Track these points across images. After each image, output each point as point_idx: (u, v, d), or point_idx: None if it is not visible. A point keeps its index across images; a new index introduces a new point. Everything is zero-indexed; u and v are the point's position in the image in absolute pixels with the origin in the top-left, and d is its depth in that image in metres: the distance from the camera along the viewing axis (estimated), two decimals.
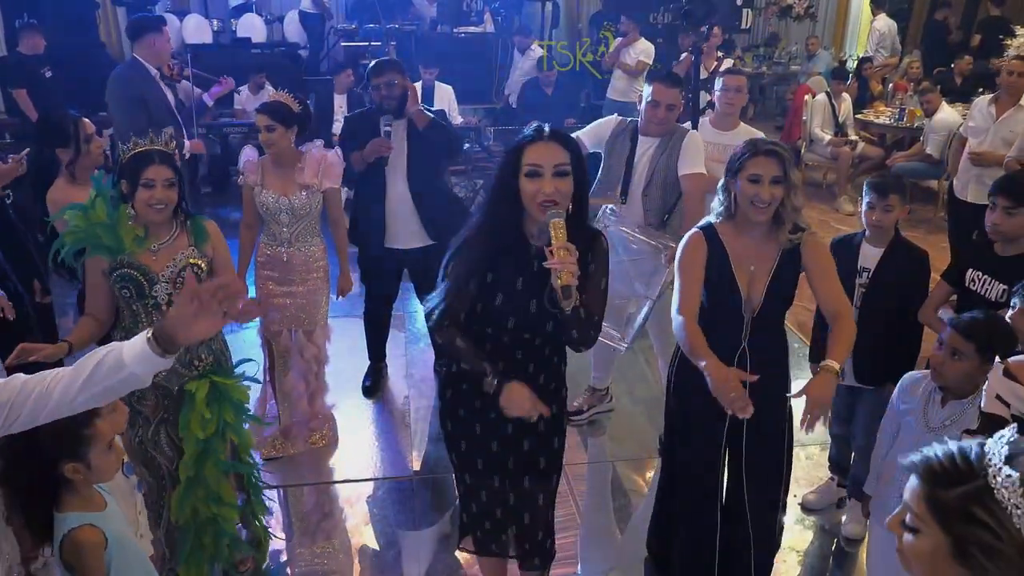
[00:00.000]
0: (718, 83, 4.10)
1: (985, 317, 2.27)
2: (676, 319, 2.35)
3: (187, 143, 4.50)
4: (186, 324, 1.50)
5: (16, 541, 1.98)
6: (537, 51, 7.86)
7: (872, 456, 2.57)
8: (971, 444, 1.09)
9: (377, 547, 3.14)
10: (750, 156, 2.27)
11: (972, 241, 2.88)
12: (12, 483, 1.85)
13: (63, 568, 1.88)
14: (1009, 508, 1.02)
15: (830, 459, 3.35)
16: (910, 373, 2.47)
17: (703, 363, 2.21)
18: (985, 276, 2.66)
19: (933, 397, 2.29)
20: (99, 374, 1.50)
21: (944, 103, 6.94)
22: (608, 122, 3.51)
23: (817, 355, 3.01)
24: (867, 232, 2.95)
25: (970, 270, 2.74)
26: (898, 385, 2.46)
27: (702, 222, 2.47)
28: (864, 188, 2.93)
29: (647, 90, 3.38)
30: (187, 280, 1.57)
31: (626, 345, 3.22)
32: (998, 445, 1.06)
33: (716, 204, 2.43)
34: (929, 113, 6.92)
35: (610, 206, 3.29)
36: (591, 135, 3.52)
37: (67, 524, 1.84)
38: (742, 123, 4.12)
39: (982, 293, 2.66)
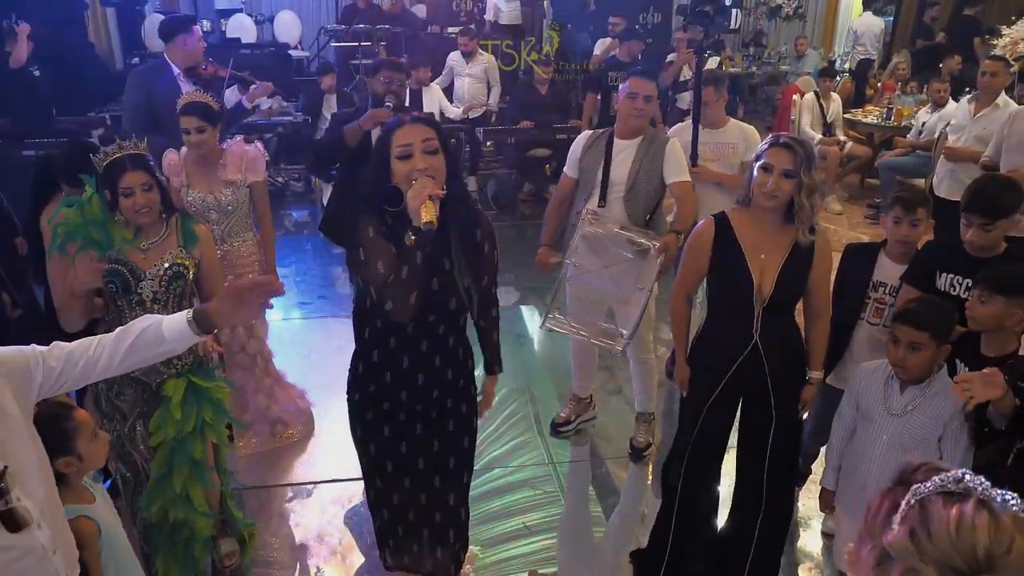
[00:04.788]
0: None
1: (926, 305, 2.32)
2: (672, 297, 2.67)
3: (165, 155, 3.93)
4: (227, 314, 1.75)
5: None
6: (483, 57, 7.70)
7: (827, 450, 2.59)
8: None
9: (364, 546, 3.14)
10: (768, 146, 2.37)
11: (941, 243, 2.78)
12: None
13: None
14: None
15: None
16: (864, 364, 2.51)
17: (678, 356, 2.67)
18: (967, 280, 2.58)
19: (891, 384, 2.34)
20: (140, 344, 1.71)
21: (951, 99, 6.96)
22: (577, 141, 3.53)
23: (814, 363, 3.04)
24: (887, 245, 2.84)
25: (944, 274, 2.65)
26: (855, 375, 2.50)
27: (717, 212, 2.55)
28: (889, 201, 2.82)
29: (623, 86, 3.43)
30: (229, 284, 1.76)
31: (625, 340, 3.22)
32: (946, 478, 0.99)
33: (740, 193, 2.53)
34: (941, 104, 6.90)
35: (591, 206, 3.30)
36: (569, 162, 3.53)
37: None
38: (732, 119, 4.12)
39: (964, 296, 2.54)
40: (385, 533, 2.47)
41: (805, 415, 2.55)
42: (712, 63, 7.01)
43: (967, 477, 0.97)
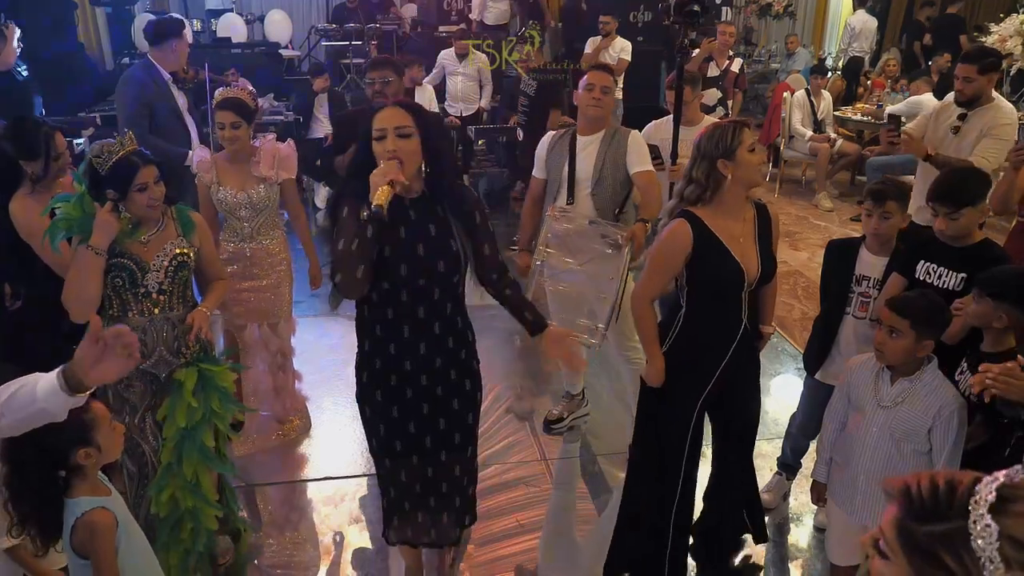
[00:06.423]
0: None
1: (917, 295, 2.35)
2: (636, 301, 2.55)
3: (194, 152, 3.78)
4: (92, 366, 1.54)
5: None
6: (476, 56, 7.67)
7: (819, 443, 2.63)
8: (962, 479, 0.99)
9: (360, 545, 3.15)
10: (743, 130, 2.40)
11: (920, 233, 2.82)
12: (20, 482, 1.87)
13: (74, 553, 1.92)
14: (983, 560, 0.93)
15: (783, 457, 3.40)
16: (856, 356, 2.55)
17: (653, 356, 2.56)
18: (940, 268, 2.67)
19: (882, 376, 2.37)
20: (14, 404, 1.54)
21: (931, 93, 7.04)
22: (542, 142, 3.60)
23: (811, 366, 3.08)
24: (866, 239, 2.89)
25: (922, 262, 2.71)
26: (846, 368, 2.53)
27: (679, 211, 2.53)
28: (863, 194, 2.89)
29: (583, 79, 3.48)
30: (92, 322, 1.58)
31: (601, 333, 3.22)
32: (988, 488, 0.96)
33: (689, 192, 2.49)
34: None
35: (559, 205, 3.35)
36: (536, 164, 3.61)
37: (80, 508, 1.90)
38: (706, 116, 4.15)
39: (938, 284, 2.65)
40: (391, 511, 2.56)
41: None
42: (736, 65, 7.12)
43: None
